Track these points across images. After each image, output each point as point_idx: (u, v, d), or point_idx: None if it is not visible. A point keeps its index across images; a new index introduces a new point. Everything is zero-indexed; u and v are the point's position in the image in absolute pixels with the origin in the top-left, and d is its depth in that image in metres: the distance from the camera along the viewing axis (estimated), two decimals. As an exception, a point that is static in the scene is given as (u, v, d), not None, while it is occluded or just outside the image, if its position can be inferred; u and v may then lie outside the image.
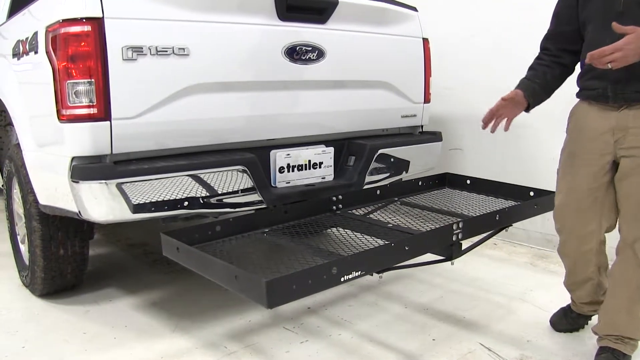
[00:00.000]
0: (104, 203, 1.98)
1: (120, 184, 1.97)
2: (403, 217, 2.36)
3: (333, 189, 2.54)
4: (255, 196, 2.31)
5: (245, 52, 2.26)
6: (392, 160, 2.79)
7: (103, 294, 2.69)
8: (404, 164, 2.88)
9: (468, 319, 2.41)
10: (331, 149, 2.62)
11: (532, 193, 2.47)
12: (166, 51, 2.05)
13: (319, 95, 2.54)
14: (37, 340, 2.23)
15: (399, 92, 2.87)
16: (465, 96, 3.74)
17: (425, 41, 2.96)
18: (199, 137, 2.22)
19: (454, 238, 1.94)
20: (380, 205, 2.53)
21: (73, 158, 1.99)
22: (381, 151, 2.72)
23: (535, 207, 2.28)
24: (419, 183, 2.80)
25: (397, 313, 2.48)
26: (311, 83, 2.49)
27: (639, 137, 1.82)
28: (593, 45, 1.73)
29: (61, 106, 1.96)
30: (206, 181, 2.16)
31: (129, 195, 1.99)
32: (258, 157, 2.31)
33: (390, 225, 2.18)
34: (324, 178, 2.62)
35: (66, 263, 2.50)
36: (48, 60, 1.99)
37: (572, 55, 2.04)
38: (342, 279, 1.55)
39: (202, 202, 2.17)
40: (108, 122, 1.98)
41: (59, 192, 2.09)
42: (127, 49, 1.97)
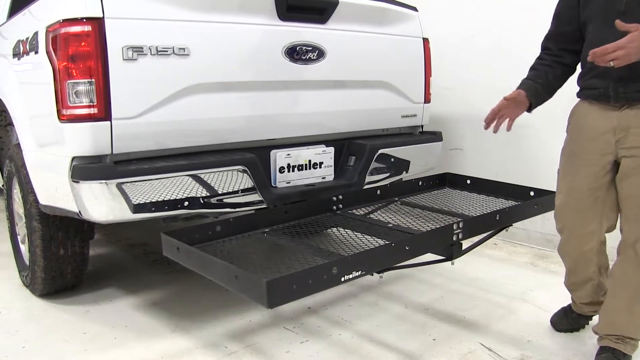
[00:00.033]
0: (104, 203, 1.98)
1: (120, 184, 1.97)
2: (403, 217, 2.36)
3: (333, 189, 2.54)
4: (255, 196, 2.31)
5: (245, 52, 2.26)
6: (393, 160, 2.79)
7: (103, 294, 2.69)
8: (404, 164, 2.88)
9: (468, 319, 2.41)
10: (331, 149, 2.62)
11: (533, 193, 2.47)
12: (166, 51, 2.05)
13: (319, 95, 2.54)
14: (38, 340, 2.23)
15: (399, 92, 2.87)
16: (465, 96, 3.74)
17: (425, 41, 2.96)
18: (200, 137, 2.22)
19: (454, 238, 1.94)
20: (380, 205, 2.53)
21: (73, 158, 1.99)
22: (381, 151, 2.72)
23: (535, 207, 2.28)
24: (419, 183, 2.80)
25: (398, 313, 2.48)
26: (311, 83, 2.49)
27: None
28: (594, 44, 1.73)
29: (61, 106, 1.96)
30: (206, 181, 2.16)
31: (129, 195, 2.00)
32: (258, 157, 2.31)
33: (390, 225, 2.18)
34: (324, 178, 2.62)
35: (66, 263, 2.50)
36: (48, 60, 1.99)
37: (573, 55, 2.04)
38: (343, 279, 1.55)
39: (203, 202, 2.17)
40: (108, 122, 1.98)
41: (60, 192, 2.09)
42: (128, 49, 1.97)
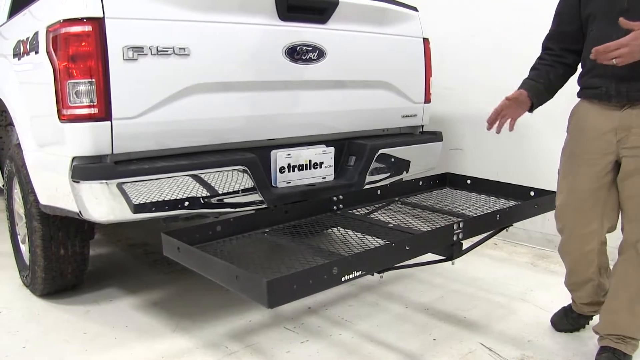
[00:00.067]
0: (105, 203, 1.98)
1: (120, 184, 1.97)
2: (404, 217, 2.36)
3: (334, 189, 2.54)
4: (255, 196, 2.31)
5: (245, 52, 2.26)
6: (393, 160, 2.79)
7: (104, 294, 2.69)
8: (405, 164, 2.88)
9: (469, 319, 2.41)
10: (332, 149, 2.62)
11: (533, 193, 2.47)
12: (167, 51, 2.05)
13: (320, 95, 2.54)
14: (38, 340, 2.23)
15: (400, 92, 2.87)
16: (465, 96, 3.74)
17: (425, 41, 2.96)
18: (200, 137, 2.22)
19: (455, 238, 1.94)
20: (380, 205, 2.53)
21: (74, 158, 1.99)
22: (382, 151, 2.72)
23: (535, 207, 2.28)
24: (420, 183, 2.80)
25: (398, 313, 2.48)
26: (312, 83, 2.49)
27: None
28: (596, 43, 1.72)
29: (62, 106, 1.96)
30: (207, 181, 2.16)
31: (130, 195, 2.00)
32: (259, 157, 2.31)
33: (390, 225, 2.18)
34: (325, 178, 2.62)
35: (67, 263, 2.50)
36: (49, 60, 1.99)
37: (575, 54, 2.03)
38: (343, 279, 1.55)
39: (203, 202, 2.17)
40: (109, 122, 1.98)
41: (60, 192, 2.09)
42: (128, 49, 1.97)
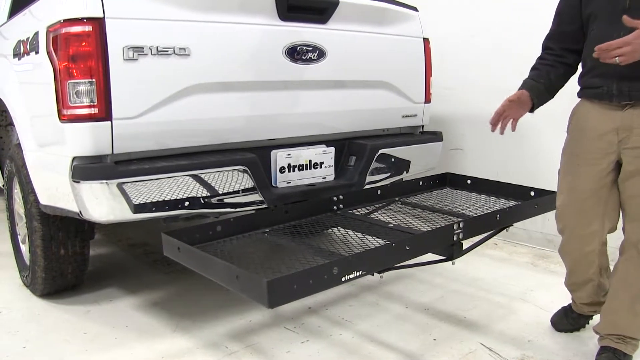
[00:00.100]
0: (105, 203, 1.98)
1: (121, 184, 1.97)
2: (404, 217, 2.36)
3: (334, 189, 2.54)
4: (256, 196, 2.31)
5: (246, 52, 2.26)
6: (393, 160, 2.79)
7: (104, 294, 2.69)
8: (405, 164, 2.88)
9: (469, 319, 2.41)
10: (332, 149, 2.62)
11: (533, 193, 2.47)
12: (167, 51, 2.05)
13: (320, 95, 2.54)
14: (38, 340, 2.23)
15: (400, 92, 2.87)
16: (465, 96, 3.74)
17: (425, 41, 2.96)
18: (200, 137, 2.22)
19: (455, 238, 1.94)
20: (381, 205, 2.53)
21: (74, 158, 1.99)
22: (382, 151, 2.72)
23: (535, 207, 2.28)
24: (420, 183, 2.80)
25: (398, 313, 2.48)
26: (312, 83, 2.49)
27: None
28: (597, 42, 1.71)
29: (62, 106, 1.96)
30: (207, 181, 2.16)
31: (130, 195, 2.00)
32: (259, 157, 2.31)
33: (391, 225, 2.18)
34: (325, 178, 2.62)
35: (67, 263, 2.50)
36: (49, 60, 1.99)
37: (575, 54, 2.03)
38: (343, 279, 1.55)
39: (203, 202, 2.17)
40: (109, 122, 1.98)
41: (60, 192, 2.09)
42: (128, 49, 1.97)
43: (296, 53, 2.39)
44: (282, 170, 2.46)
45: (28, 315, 2.46)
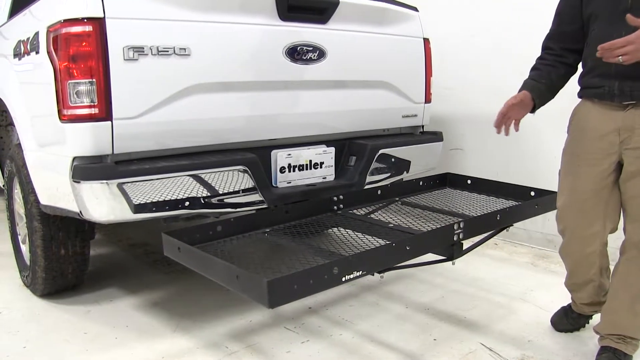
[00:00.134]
0: (105, 203, 1.98)
1: (121, 184, 1.97)
2: (404, 217, 2.36)
3: (334, 189, 2.54)
4: (256, 196, 2.31)
5: (246, 52, 2.26)
6: (393, 160, 2.79)
7: (104, 294, 2.69)
8: (405, 164, 2.88)
9: (469, 319, 2.41)
10: (332, 149, 2.62)
11: (533, 193, 2.47)
12: (167, 51, 2.05)
13: (320, 95, 2.54)
14: (38, 340, 2.23)
15: (400, 92, 2.88)
16: (465, 96, 3.74)
17: (426, 41, 2.96)
18: (200, 137, 2.22)
19: (455, 238, 1.94)
20: (381, 205, 2.53)
21: (74, 158, 1.99)
22: (382, 151, 2.72)
23: (536, 207, 2.28)
24: (420, 183, 2.80)
25: (398, 313, 2.48)
26: (312, 83, 2.49)
27: None
28: (598, 42, 1.70)
29: (62, 106, 1.96)
30: (207, 181, 2.16)
31: (130, 195, 2.00)
32: (259, 157, 2.31)
33: (391, 225, 2.18)
34: (325, 178, 2.62)
35: (67, 263, 2.50)
36: (49, 60, 1.99)
37: (576, 54, 2.02)
38: (344, 279, 1.55)
39: (203, 202, 2.17)
40: (109, 122, 1.98)
41: (60, 192, 2.09)
42: (129, 49, 1.97)
43: (296, 53, 2.39)
44: (283, 170, 2.46)
45: (28, 315, 2.46)
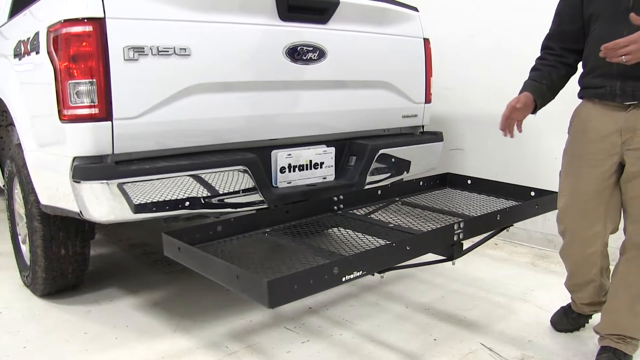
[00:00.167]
0: (105, 203, 1.98)
1: (121, 184, 1.97)
2: (404, 217, 2.36)
3: (334, 189, 2.54)
4: (256, 196, 2.31)
5: (246, 52, 2.26)
6: (393, 160, 2.79)
7: (104, 294, 2.69)
8: (405, 164, 2.88)
9: (469, 319, 2.41)
10: (332, 149, 2.63)
11: (533, 193, 2.47)
12: (167, 51, 2.05)
13: (320, 95, 2.54)
14: (38, 340, 2.24)
15: (400, 92, 2.88)
16: (465, 96, 3.74)
17: (426, 41, 2.96)
18: (200, 137, 2.22)
19: (455, 238, 1.94)
20: (381, 205, 2.53)
21: (74, 158, 1.99)
22: (382, 151, 2.72)
23: (536, 207, 2.28)
24: (420, 183, 2.80)
25: (398, 313, 2.48)
26: (312, 83, 2.49)
27: None
28: (599, 42, 1.69)
29: (63, 106, 1.96)
30: (207, 181, 2.16)
31: (130, 195, 2.00)
32: (259, 157, 2.31)
33: (391, 225, 2.18)
34: (325, 178, 2.62)
35: (67, 263, 2.50)
36: (49, 60, 1.99)
37: (576, 54, 2.01)
38: (344, 279, 1.55)
39: (204, 202, 2.17)
40: (109, 122, 1.98)
41: (61, 192, 2.09)
42: (129, 49, 1.97)
43: (296, 53, 2.39)
44: (283, 170, 2.46)
45: (28, 315, 2.46)
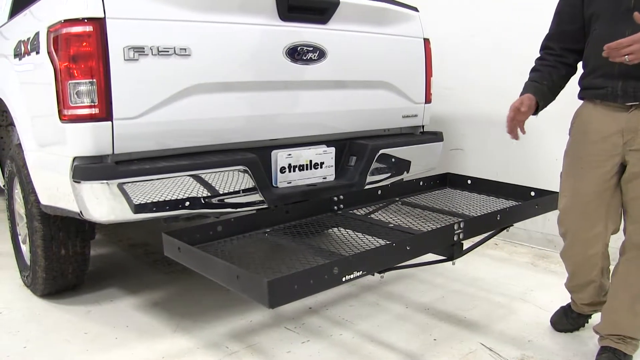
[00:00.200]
0: (106, 203, 1.98)
1: (121, 184, 1.97)
2: (404, 217, 2.36)
3: (334, 189, 2.54)
4: (256, 196, 2.31)
5: (246, 52, 2.26)
6: (394, 160, 2.79)
7: (104, 294, 2.69)
8: (405, 164, 2.88)
9: (469, 319, 2.41)
10: (332, 149, 2.63)
11: (533, 193, 2.47)
12: (168, 51, 2.05)
13: (320, 95, 2.54)
14: (39, 340, 2.24)
15: (400, 92, 2.88)
16: (465, 96, 3.74)
17: (426, 41, 2.96)
18: (201, 137, 2.22)
19: (455, 238, 1.94)
20: (381, 205, 2.53)
21: (74, 158, 1.99)
22: (382, 151, 2.72)
23: (536, 207, 2.28)
24: (420, 183, 2.80)
25: (398, 313, 2.48)
26: (312, 83, 2.49)
27: None
28: (600, 42, 1.69)
29: (63, 106, 1.96)
30: (207, 181, 2.16)
31: (131, 195, 2.00)
32: (259, 157, 2.31)
33: (391, 225, 2.18)
34: (325, 178, 2.62)
35: (67, 263, 2.50)
36: (50, 60, 1.99)
37: (576, 54, 2.01)
38: (344, 279, 1.55)
39: (204, 202, 2.17)
40: (110, 122, 1.98)
41: (61, 192, 2.10)
42: (129, 49, 1.97)
43: (297, 53, 2.39)
44: (283, 170, 2.46)
45: (29, 315, 2.46)
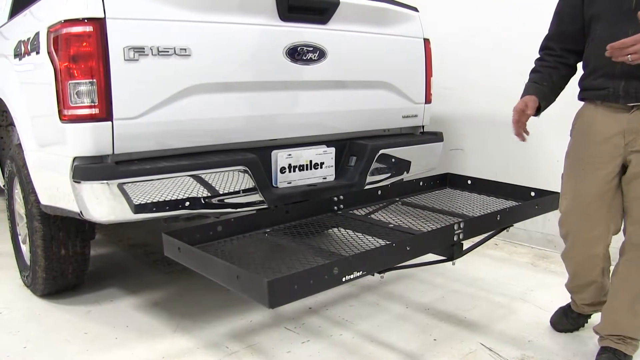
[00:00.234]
0: (106, 203, 1.98)
1: (121, 184, 1.97)
2: (404, 217, 2.36)
3: (334, 189, 2.54)
4: (256, 196, 2.31)
5: (246, 53, 2.26)
6: (394, 160, 2.79)
7: (104, 294, 2.69)
8: (405, 164, 2.88)
9: (469, 319, 2.41)
10: (332, 149, 2.63)
11: (533, 193, 2.46)
12: (168, 51, 2.05)
13: (320, 95, 2.54)
14: (39, 340, 2.24)
15: (400, 93, 2.88)
16: (465, 96, 3.74)
17: (426, 41, 2.96)
18: (201, 137, 2.22)
19: (455, 238, 1.94)
20: (381, 205, 2.53)
21: (75, 158, 1.99)
22: (382, 151, 2.72)
23: (536, 208, 2.28)
24: (420, 183, 2.80)
25: (398, 313, 2.48)
26: (312, 83, 2.49)
27: None
28: (601, 43, 1.69)
29: (63, 106, 1.97)
30: (207, 181, 2.16)
31: (131, 195, 2.00)
32: (259, 158, 2.31)
33: (391, 225, 2.18)
34: (326, 178, 2.62)
35: (67, 263, 2.50)
36: (50, 60, 1.99)
37: (576, 55, 2.01)
38: (344, 279, 1.55)
39: (204, 202, 2.17)
40: (110, 122, 1.98)
41: (61, 192, 2.10)
42: (129, 49, 1.97)
43: (297, 53, 2.39)
44: (283, 170, 2.46)
45: (29, 315, 2.46)
